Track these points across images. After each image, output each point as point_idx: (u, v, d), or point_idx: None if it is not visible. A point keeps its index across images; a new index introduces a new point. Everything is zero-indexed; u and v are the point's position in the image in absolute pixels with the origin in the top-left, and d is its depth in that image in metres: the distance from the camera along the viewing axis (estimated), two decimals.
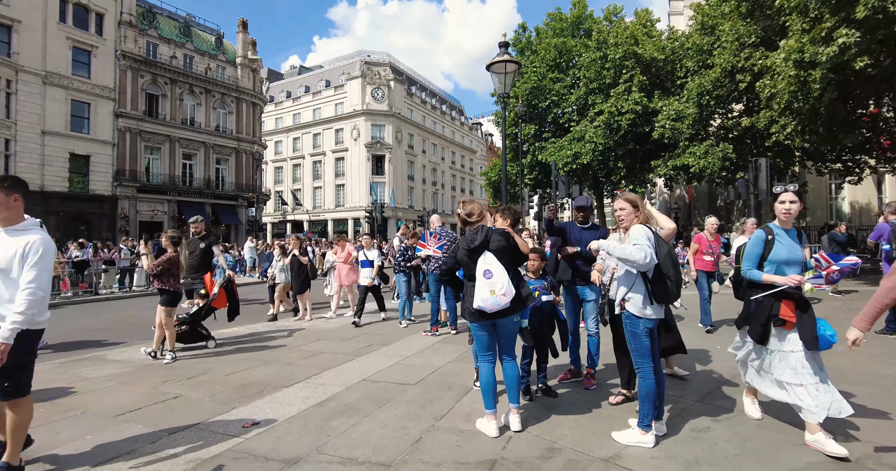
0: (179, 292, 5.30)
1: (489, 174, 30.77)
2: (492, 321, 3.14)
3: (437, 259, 6.28)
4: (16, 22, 23.09)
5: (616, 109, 22.75)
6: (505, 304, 2.99)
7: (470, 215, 3.28)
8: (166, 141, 29.14)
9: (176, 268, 5.22)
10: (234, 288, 6.12)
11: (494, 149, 69.72)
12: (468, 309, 3.16)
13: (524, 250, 3.33)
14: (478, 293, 3.01)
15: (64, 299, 11.62)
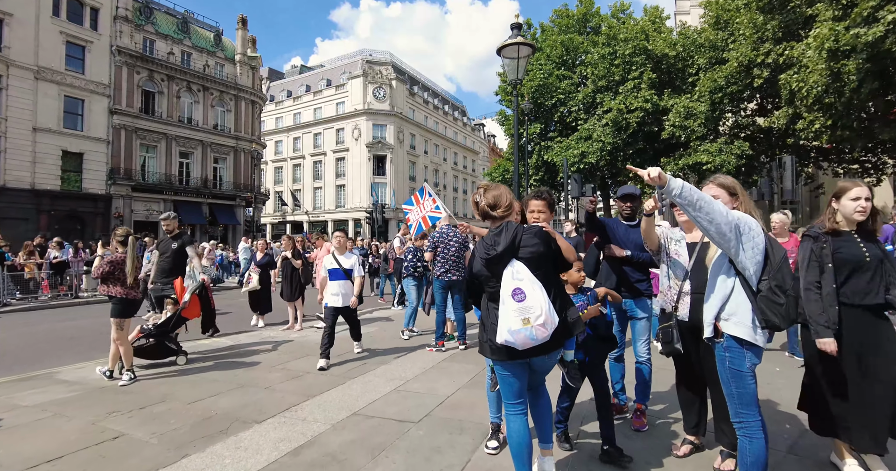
0: (131, 300, 4.50)
1: (493, 174, 29.97)
2: (525, 360, 2.26)
3: (441, 248, 5.61)
4: (7, 15, 22.42)
5: (625, 107, 21.97)
6: (544, 337, 2.12)
7: (495, 206, 2.35)
8: (163, 139, 28.42)
9: (123, 272, 4.43)
10: (210, 295, 5.33)
11: (497, 150, 68.97)
12: (489, 344, 2.29)
13: (569, 257, 2.37)
14: (504, 322, 2.14)
15: (41, 303, 10.86)
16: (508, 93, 28.18)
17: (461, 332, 5.76)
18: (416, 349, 5.82)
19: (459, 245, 5.63)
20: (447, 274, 5.59)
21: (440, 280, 5.61)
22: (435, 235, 5.71)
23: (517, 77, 7.89)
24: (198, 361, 5.30)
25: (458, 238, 5.64)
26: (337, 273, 5.31)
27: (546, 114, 27.34)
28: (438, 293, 5.67)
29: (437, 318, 5.73)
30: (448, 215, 5.82)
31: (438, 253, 5.63)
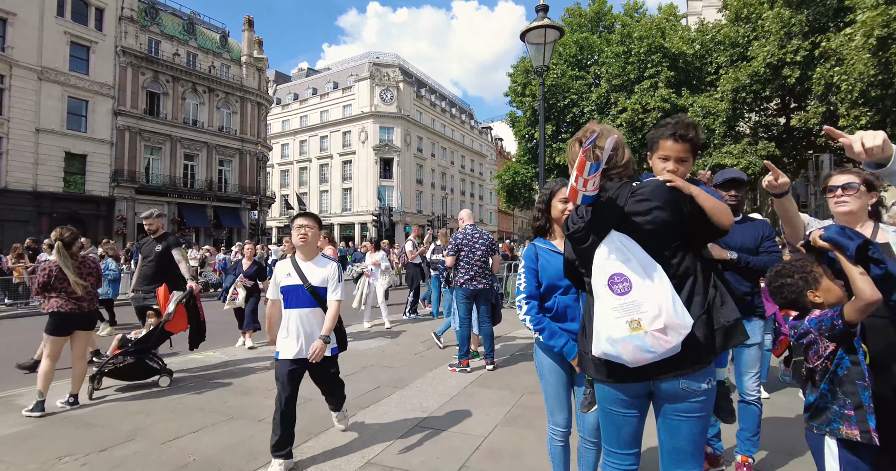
0: (68, 314, 3.79)
1: (503, 177, 29.23)
2: (647, 384, 1.51)
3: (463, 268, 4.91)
4: (10, 15, 22.08)
5: (640, 106, 21.19)
6: (669, 348, 1.40)
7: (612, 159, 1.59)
8: (167, 141, 27.97)
9: (61, 282, 3.73)
10: (199, 305, 4.62)
11: (505, 153, 68.28)
12: (588, 357, 1.60)
13: (723, 221, 1.50)
14: (601, 324, 1.48)
15: (31, 309, 10.23)
16: (519, 94, 27.48)
17: (488, 349, 5.00)
18: (436, 369, 5.07)
19: (486, 248, 4.90)
20: (472, 282, 4.87)
21: (464, 289, 4.88)
22: (458, 236, 5.00)
23: (543, 63, 7.14)
24: (184, 382, 4.58)
25: (485, 240, 4.92)
26: (297, 294, 2.90)
27: (558, 115, 26.61)
28: (462, 304, 4.94)
29: (460, 333, 4.98)
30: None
31: (461, 258, 4.91)
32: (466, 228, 5.05)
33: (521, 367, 5.12)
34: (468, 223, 5.12)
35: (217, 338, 6.85)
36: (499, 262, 5.40)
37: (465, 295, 4.93)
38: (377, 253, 7.64)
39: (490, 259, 5.01)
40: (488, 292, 4.97)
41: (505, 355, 5.68)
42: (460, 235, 4.98)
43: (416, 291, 8.74)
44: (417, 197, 48.42)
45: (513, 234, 67.47)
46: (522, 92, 27.00)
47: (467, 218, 5.23)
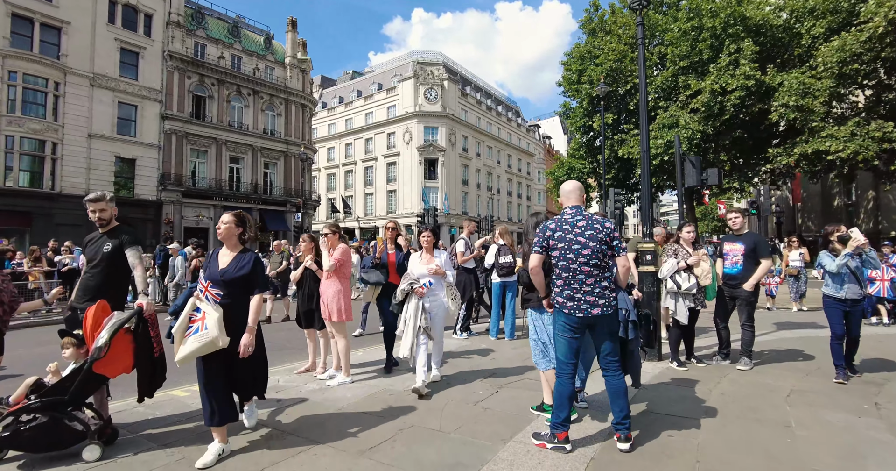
0: None
1: (556, 173, 27.05)
2: None
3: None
4: (65, 23, 22.52)
5: (719, 88, 18.46)
6: None
7: None
8: (213, 144, 27.93)
9: None
10: (154, 335, 3.12)
11: (553, 152, 65.44)
12: None
13: None
14: None
15: (42, 318, 9.42)
16: (573, 82, 25.27)
17: (619, 414, 3.04)
18: (515, 437, 3.33)
19: (601, 245, 3.04)
20: (577, 303, 3.00)
21: (564, 316, 3.03)
22: (548, 225, 3.17)
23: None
24: (128, 447, 3.11)
25: (599, 231, 3.03)
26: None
27: (619, 102, 24.21)
28: (562, 340, 3.08)
29: (558, 387, 3.07)
30: None
31: (555, 260, 3.10)
32: (566, 213, 3.19)
33: (675, 441, 3.15)
34: (571, 205, 3.23)
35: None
36: (628, 269, 3.25)
37: (568, 326, 3.02)
38: (436, 255, 4.63)
39: (609, 263, 3.11)
40: (609, 321, 3.08)
41: (646, 421, 3.54)
42: (552, 224, 3.14)
43: (469, 303, 7.01)
44: (463, 198, 46.83)
45: None
46: (578, 80, 24.80)
47: (573, 197, 3.24)
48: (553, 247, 3.11)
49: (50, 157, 21.78)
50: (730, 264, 5.12)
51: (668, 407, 3.83)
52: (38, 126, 21.35)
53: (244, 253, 3.23)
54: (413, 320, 4.26)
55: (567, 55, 26.32)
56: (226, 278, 3.07)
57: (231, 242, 3.24)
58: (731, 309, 5.22)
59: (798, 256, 9.51)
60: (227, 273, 3.09)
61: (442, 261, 4.59)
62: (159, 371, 3.17)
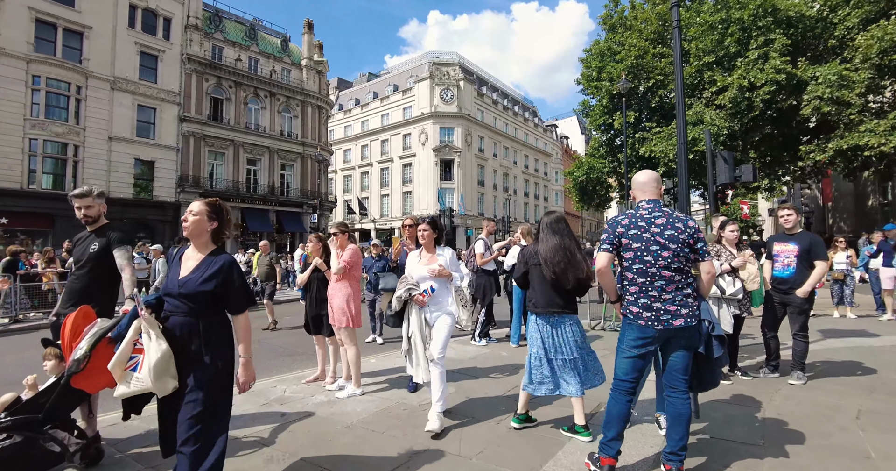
0: None
1: (575, 173, 26.40)
2: None
3: None
4: (87, 28, 22.86)
5: (748, 83, 17.67)
6: None
7: None
8: (230, 146, 28.08)
9: None
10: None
11: (571, 152, 64.54)
12: None
13: None
14: None
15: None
16: (593, 79, 24.64)
17: (675, 442, 2.60)
18: (549, 464, 2.93)
19: (683, 248, 2.58)
20: (654, 313, 2.55)
21: (636, 327, 2.60)
22: (618, 219, 2.72)
23: None
24: (113, 467, 2.80)
25: (681, 231, 2.58)
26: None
27: (640, 99, 23.50)
28: (626, 356, 2.65)
29: (611, 406, 2.68)
30: None
31: (628, 263, 2.64)
32: (641, 208, 2.72)
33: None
34: (648, 198, 2.74)
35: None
36: (713, 276, 2.75)
37: (641, 340, 2.57)
38: (439, 252, 3.77)
39: (691, 269, 2.65)
40: (690, 334, 2.59)
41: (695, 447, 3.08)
42: (625, 219, 2.69)
43: (488, 307, 6.58)
44: (479, 199, 46.37)
45: (580, 238, 63.54)
46: (597, 77, 24.16)
47: (650, 189, 2.73)
48: (626, 247, 2.63)
49: (72, 159, 22.10)
50: (780, 267, 4.61)
51: (719, 430, 3.37)
52: (61, 129, 21.68)
53: (215, 256, 2.35)
54: (421, 337, 3.57)
55: (586, 52, 25.71)
56: (185, 291, 2.24)
57: (200, 241, 2.38)
58: (780, 317, 4.71)
59: (845, 259, 8.85)
60: (188, 283, 2.26)
61: (447, 259, 3.66)
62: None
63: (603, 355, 5.95)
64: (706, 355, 2.69)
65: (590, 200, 27.07)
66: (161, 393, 2.22)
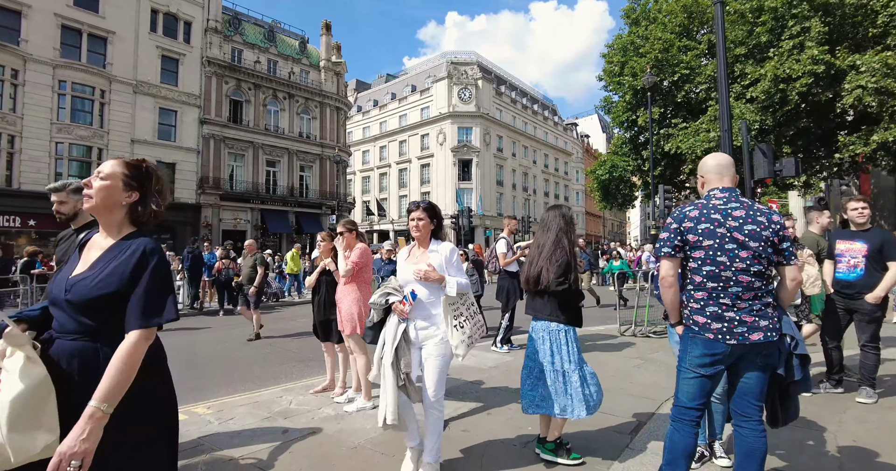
0: None
1: (597, 172, 25.67)
2: None
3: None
4: (110, 33, 23.24)
5: (784, 74, 16.79)
6: None
7: None
8: (250, 148, 28.24)
9: None
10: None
11: (592, 151, 63.40)
12: None
13: None
14: None
15: None
16: (615, 75, 23.94)
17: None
18: None
19: (766, 246, 2.10)
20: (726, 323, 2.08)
21: (701, 341, 2.13)
22: (686, 211, 2.25)
23: None
24: None
25: (763, 226, 2.10)
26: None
27: (665, 95, 22.71)
28: (690, 377, 2.19)
29: (672, 437, 2.21)
30: None
31: (697, 265, 2.17)
32: (714, 197, 2.22)
33: None
34: (723, 186, 2.26)
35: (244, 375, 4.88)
36: (799, 283, 2.27)
37: (709, 357, 2.10)
38: (432, 248, 2.90)
39: (771, 272, 2.17)
40: (769, 351, 2.12)
41: None
42: (694, 211, 2.19)
43: (512, 312, 6.10)
44: (498, 199, 45.81)
45: (601, 238, 62.35)
46: (620, 72, 23.48)
47: (727, 174, 2.26)
48: (694, 244, 2.15)
49: (96, 162, 22.41)
50: (845, 268, 4.05)
51: (786, 458, 2.88)
52: (86, 133, 22.07)
53: (129, 241, 1.58)
54: (391, 360, 2.64)
55: (608, 47, 25.03)
56: (73, 297, 1.46)
57: (110, 221, 1.62)
58: (844, 325, 4.16)
59: None
60: (77, 285, 1.48)
61: (442, 258, 2.77)
62: None
63: (636, 364, 5.48)
64: (786, 377, 2.20)
65: (613, 200, 26.31)
66: (18, 458, 1.30)
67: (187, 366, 6.17)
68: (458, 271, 2.77)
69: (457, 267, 2.79)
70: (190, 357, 6.61)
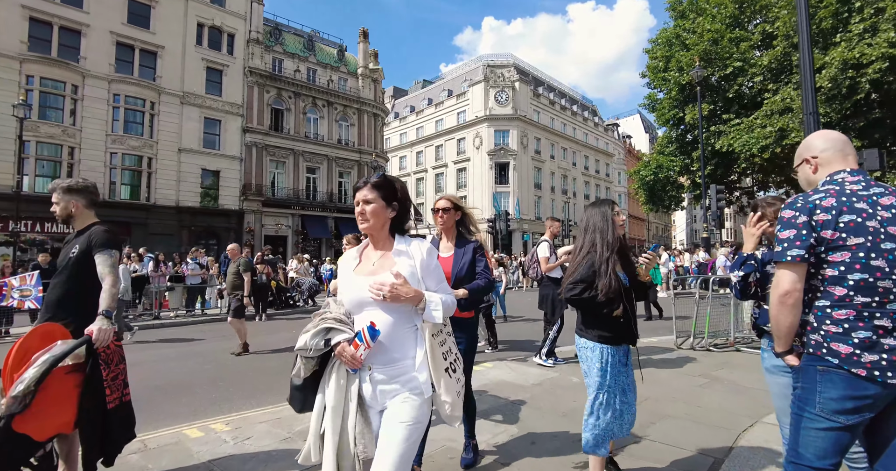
0: None
1: (642, 173, 24.52)
2: None
3: None
4: (160, 48, 24.31)
5: (855, 59, 15.36)
6: None
7: None
8: (290, 155, 28.85)
9: None
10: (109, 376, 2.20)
11: (635, 152, 61.22)
12: None
13: None
14: None
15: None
16: (660, 71, 22.82)
17: None
18: None
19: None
20: (886, 353, 1.50)
21: (846, 377, 1.53)
22: (821, 203, 1.63)
23: None
24: None
25: None
26: None
27: (715, 90, 21.44)
28: (818, 428, 1.58)
29: None
30: None
31: (842, 264, 1.58)
32: (846, 181, 1.67)
33: None
34: (849, 167, 1.71)
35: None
36: None
37: (851, 397, 1.53)
38: (398, 247, 1.84)
39: None
40: None
41: None
42: (828, 199, 1.62)
43: (561, 322, 5.48)
44: (536, 203, 44.82)
45: (645, 242, 59.96)
46: (665, 67, 22.36)
47: (850, 153, 1.74)
48: (834, 243, 1.60)
49: (146, 171, 23.47)
50: None
51: None
52: (137, 143, 23.11)
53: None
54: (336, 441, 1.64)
55: (652, 42, 23.92)
56: None
57: None
58: None
59: None
60: None
61: (416, 263, 1.79)
62: (118, 429, 2.23)
63: (700, 384, 4.83)
64: None
65: (659, 202, 25.05)
66: None
67: (218, 372, 6.01)
68: (438, 283, 1.81)
69: (436, 276, 1.82)
70: (220, 365, 6.47)
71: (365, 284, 1.69)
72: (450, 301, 1.78)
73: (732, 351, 6.45)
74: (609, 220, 2.52)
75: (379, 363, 1.69)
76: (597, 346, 2.44)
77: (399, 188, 1.89)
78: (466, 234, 3.00)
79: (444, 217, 2.93)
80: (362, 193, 1.83)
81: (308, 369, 1.72)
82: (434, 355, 1.71)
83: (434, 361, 1.70)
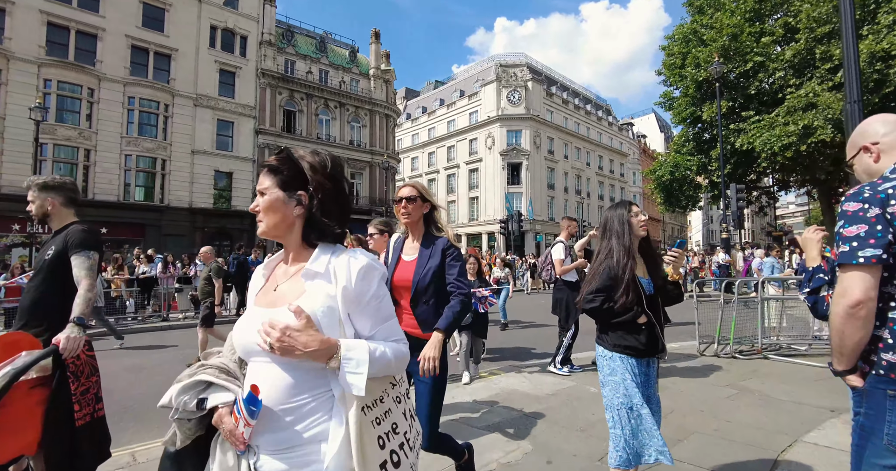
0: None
1: (658, 172, 23.96)
2: None
3: None
4: (174, 51, 24.51)
5: (883, 51, 14.78)
6: None
7: None
8: None
9: None
10: (77, 390, 1.99)
11: (649, 151, 60.26)
12: None
13: None
14: None
15: (121, 327, 9.38)
16: (677, 68, 22.29)
17: None
18: None
19: None
20: None
21: None
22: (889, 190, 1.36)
23: None
24: None
25: None
26: None
27: (734, 86, 20.84)
28: None
29: None
30: None
31: None
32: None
33: None
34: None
35: None
36: None
37: None
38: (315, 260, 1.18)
39: None
40: None
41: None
42: None
43: (576, 328, 5.15)
44: (549, 203, 44.31)
45: (661, 243, 58.93)
46: (682, 64, 21.83)
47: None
48: None
49: (160, 173, 23.65)
50: None
51: None
52: (151, 145, 23.31)
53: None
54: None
55: (668, 38, 23.38)
56: None
57: None
58: None
59: None
60: None
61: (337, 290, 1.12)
62: (88, 449, 2.02)
63: (728, 395, 4.49)
64: None
65: (676, 202, 24.46)
66: None
67: None
68: (377, 323, 1.17)
69: (373, 313, 1.16)
70: None
71: (259, 321, 1.10)
72: (390, 355, 1.12)
73: (760, 359, 6.08)
74: (626, 223, 2.29)
75: (269, 447, 1.07)
76: (616, 356, 2.20)
77: (311, 168, 1.26)
78: (435, 231, 2.49)
79: (409, 208, 2.34)
80: (262, 181, 1.25)
81: (186, 435, 1.15)
82: (362, 442, 1.04)
83: (362, 451, 1.04)
